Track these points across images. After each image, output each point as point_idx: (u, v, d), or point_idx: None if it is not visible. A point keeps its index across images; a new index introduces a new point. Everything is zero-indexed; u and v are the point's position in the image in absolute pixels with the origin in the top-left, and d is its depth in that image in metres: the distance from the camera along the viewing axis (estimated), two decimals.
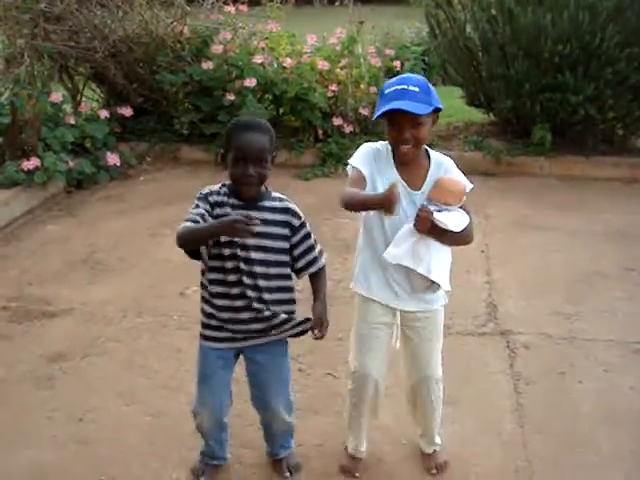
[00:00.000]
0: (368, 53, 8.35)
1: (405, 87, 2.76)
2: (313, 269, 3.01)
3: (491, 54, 7.63)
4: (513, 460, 3.39)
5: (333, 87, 7.94)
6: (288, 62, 7.91)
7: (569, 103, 7.32)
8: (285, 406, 3.15)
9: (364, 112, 7.99)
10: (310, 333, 2.99)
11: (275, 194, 2.95)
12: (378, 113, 2.80)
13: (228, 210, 2.81)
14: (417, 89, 2.76)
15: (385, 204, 2.62)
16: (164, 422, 3.65)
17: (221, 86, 7.89)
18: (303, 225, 2.95)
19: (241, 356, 3.07)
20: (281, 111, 8.10)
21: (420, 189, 2.90)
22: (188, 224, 2.73)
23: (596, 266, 5.48)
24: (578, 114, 7.40)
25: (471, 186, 2.95)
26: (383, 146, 2.97)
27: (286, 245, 2.93)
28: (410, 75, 2.90)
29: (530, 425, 3.64)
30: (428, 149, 2.99)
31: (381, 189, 2.84)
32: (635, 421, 3.66)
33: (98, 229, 6.26)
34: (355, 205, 2.89)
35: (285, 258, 2.94)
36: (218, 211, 2.82)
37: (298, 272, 3.01)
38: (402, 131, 2.79)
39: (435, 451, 3.37)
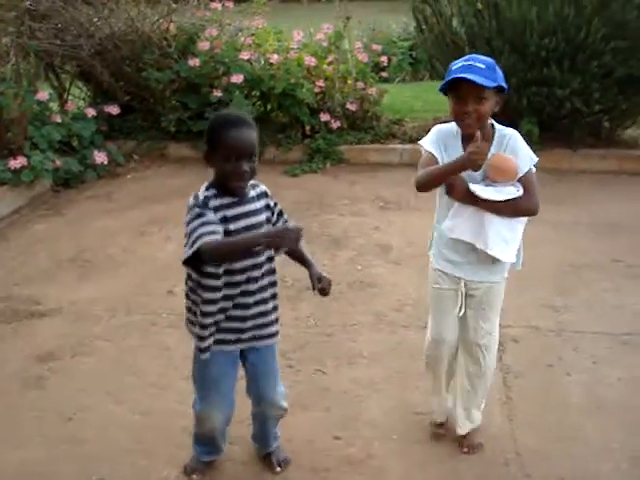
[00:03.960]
0: (355, 49, 8.36)
1: (472, 63, 2.89)
2: None
3: (477, 48, 7.61)
4: (503, 453, 3.40)
5: (320, 83, 7.94)
6: (275, 58, 7.90)
7: (556, 97, 7.34)
8: (281, 393, 3.19)
9: (351, 107, 8.00)
10: (317, 293, 2.98)
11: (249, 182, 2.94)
12: (444, 82, 2.92)
13: (228, 212, 2.79)
14: (483, 66, 2.88)
15: (470, 160, 2.79)
16: (153, 420, 3.64)
17: (208, 83, 7.88)
18: (276, 203, 3.01)
19: None
20: (268, 107, 8.09)
21: (480, 167, 2.97)
22: (212, 237, 2.66)
23: (584, 258, 5.50)
24: (565, 107, 7.42)
25: (533, 161, 3.09)
26: (453, 126, 3.08)
27: (270, 227, 2.94)
28: (478, 55, 3.00)
29: (519, 418, 3.65)
30: (495, 124, 3.10)
31: None
32: (623, 412, 3.68)
33: (86, 228, 6.24)
34: (433, 179, 2.99)
35: None
36: (219, 215, 2.78)
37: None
38: (466, 103, 2.89)
39: (470, 433, 3.42)
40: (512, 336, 4.40)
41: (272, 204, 2.98)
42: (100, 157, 7.45)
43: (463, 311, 3.20)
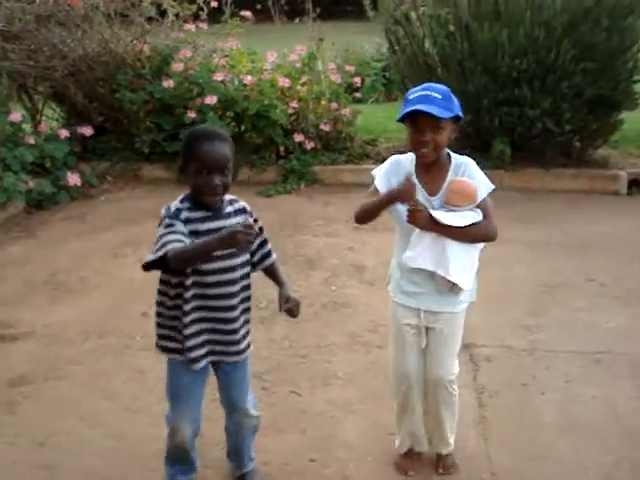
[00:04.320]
0: (328, 69, 8.40)
1: (428, 93, 2.92)
2: (270, 261, 3.07)
3: (450, 69, 7.69)
4: (477, 473, 3.40)
5: (294, 104, 7.97)
6: (249, 79, 7.92)
7: (527, 117, 7.42)
8: (252, 402, 3.19)
9: (325, 128, 8.03)
10: (285, 315, 3.04)
11: (228, 197, 2.94)
12: (401, 115, 2.94)
13: (198, 226, 2.80)
14: (439, 96, 2.91)
15: (402, 193, 2.89)
16: (127, 445, 3.61)
17: (182, 104, 7.88)
18: (256, 221, 3.00)
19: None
20: (242, 128, 8.10)
21: (437, 194, 3.04)
22: (177, 245, 2.67)
23: (557, 277, 5.54)
24: (536, 127, 7.49)
25: (490, 188, 3.08)
26: (408, 157, 3.13)
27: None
28: (434, 84, 3.02)
29: (494, 437, 3.66)
30: (451, 154, 3.11)
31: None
32: (597, 431, 3.70)
33: (59, 250, 6.20)
34: (367, 212, 3.08)
35: (248, 257, 2.97)
36: (190, 227, 2.79)
37: (254, 265, 3.04)
38: (423, 133, 2.93)
39: (446, 454, 3.41)
40: (486, 356, 4.42)
41: (251, 221, 2.96)
42: (73, 178, 7.41)
43: (425, 343, 3.19)
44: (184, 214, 2.80)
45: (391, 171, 3.10)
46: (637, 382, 4.13)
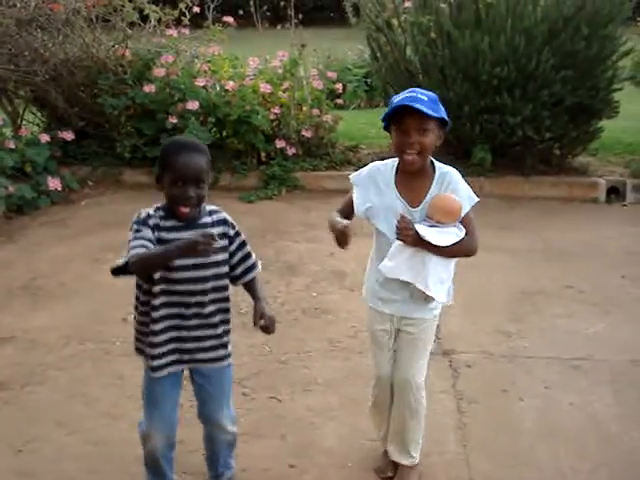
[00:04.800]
0: (310, 76, 8.41)
1: (415, 95, 2.87)
2: (251, 275, 3.03)
3: (431, 77, 7.73)
4: (457, 479, 3.41)
5: (276, 110, 7.98)
6: (230, 85, 7.93)
7: (507, 124, 7.46)
8: (229, 417, 3.15)
9: (307, 134, 8.05)
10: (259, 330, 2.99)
11: (209, 207, 2.94)
12: (387, 112, 2.90)
13: (163, 234, 2.79)
14: (426, 98, 2.86)
15: (336, 239, 2.97)
16: (106, 450, 3.60)
17: (163, 109, 7.88)
18: (238, 234, 2.98)
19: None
20: (224, 134, 8.10)
21: (419, 206, 2.99)
22: (140, 250, 2.69)
23: (537, 284, 5.57)
24: (516, 135, 7.54)
25: (474, 201, 3.04)
26: (389, 164, 3.07)
27: (225, 256, 2.93)
28: (420, 89, 2.97)
29: (473, 444, 3.67)
30: (435, 162, 3.06)
31: (378, 207, 3.04)
32: (575, 437, 3.72)
33: (39, 255, 6.18)
34: (330, 226, 3.07)
35: (224, 269, 2.94)
36: (157, 234, 2.79)
37: (235, 279, 3.01)
38: (409, 135, 2.87)
39: (408, 467, 3.35)
40: (465, 361, 4.44)
41: (232, 233, 2.95)
42: (54, 183, 7.38)
43: (393, 347, 3.21)
44: (153, 221, 2.81)
45: (370, 180, 3.07)
46: (616, 388, 4.16)
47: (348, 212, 3.13)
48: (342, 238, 2.95)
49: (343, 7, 10.57)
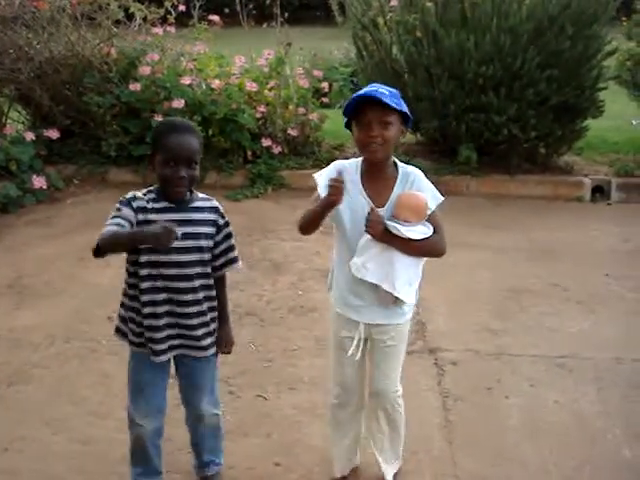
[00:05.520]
0: (296, 74, 8.42)
1: (375, 88, 2.82)
2: (229, 269, 3.05)
3: (417, 75, 7.75)
4: (443, 476, 3.43)
5: (262, 108, 7.98)
6: (216, 83, 7.91)
7: (493, 123, 7.49)
8: (212, 402, 3.17)
9: (293, 133, 8.06)
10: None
11: (202, 195, 2.96)
12: (348, 106, 2.85)
13: (152, 216, 2.80)
14: (387, 92, 2.80)
15: (330, 197, 2.77)
16: (93, 449, 3.59)
17: (149, 107, 7.85)
18: (227, 224, 3.00)
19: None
20: (210, 132, 8.06)
21: (384, 205, 2.92)
22: (113, 228, 2.71)
23: (522, 282, 5.60)
24: (502, 134, 7.57)
25: (439, 200, 3.00)
26: (353, 163, 3.01)
27: (210, 243, 2.94)
28: (381, 84, 2.92)
29: (459, 441, 3.69)
30: (397, 162, 3.02)
31: (344, 208, 2.90)
32: (559, 434, 3.74)
33: (24, 254, 6.15)
34: (308, 220, 2.94)
35: (208, 256, 2.95)
36: (141, 217, 2.81)
37: (215, 270, 3.02)
38: (370, 128, 2.80)
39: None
40: (451, 359, 4.46)
41: (221, 222, 2.97)
42: (39, 182, 7.35)
43: (360, 355, 3.07)
44: (139, 203, 2.83)
45: (333, 176, 2.89)
46: (600, 386, 4.19)
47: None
48: (337, 187, 2.75)
49: (329, 6, 10.54)
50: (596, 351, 4.58)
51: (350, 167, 2.99)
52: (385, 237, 2.86)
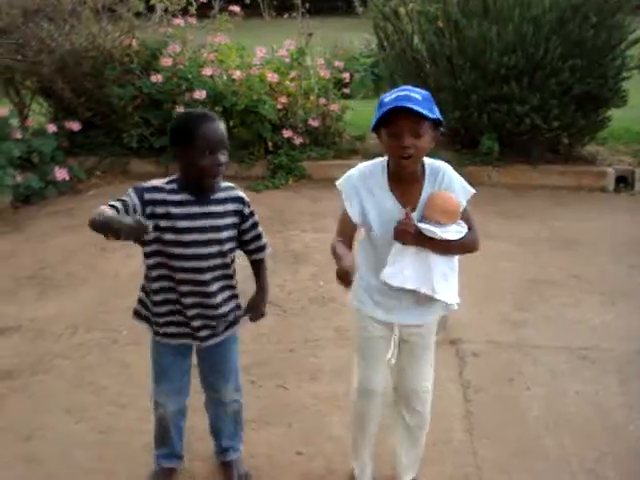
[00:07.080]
0: (317, 65, 8.40)
1: (407, 93, 2.60)
2: (262, 255, 3.07)
3: (438, 66, 7.71)
4: (463, 467, 3.42)
5: (283, 99, 7.97)
6: (237, 74, 7.92)
7: (515, 113, 7.44)
8: (235, 389, 3.19)
9: (314, 124, 8.05)
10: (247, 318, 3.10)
11: (225, 184, 2.93)
12: (378, 116, 2.62)
13: (173, 209, 2.79)
14: (419, 97, 2.59)
15: (338, 276, 2.65)
16: (113, 438, 3.62)
17: (170, 99, 7.89)
18: (252, 214, 3.00)
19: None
20: (231, 124, 8.06)
21: (415, 207, 2.75)
22: (105, 208, 2.61)
23: (544, 273, 5.56)
24: (524, 124, 7.51)
25: (470, 193, 2.84)
26: (378, 164, 2.82)
27: (232, 233, 2.93)
28: (411, 87, 2.67)
29: (479, 432, 3.68)
30: (423, 159, 2.79)
31: (373, 212, 2.78)
32: (580, 425, 3.72)
33: (46, 245, 6.19)
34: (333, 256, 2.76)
35: (229, 246, 2.93)
36: (159, 210, 2.79)
37: (250, 253, 3.06)
38: (403, 138, 2.59)
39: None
40: (472, 351, 4.44)
41: (247, 212, 2.96)
42: (61, 173, 7.40)
43: (395, 358, 2.95)
44: (156, 195, 2.79)
45: (361, 184, 2.79)
46: (622, 378, 4.15)
47: (349, 230, 2.87)
48: (345, 279, 2.62)
49: None
50: (618, 343, 4.54)
51: (375, 169, 2.82)
52: (418, 240, 2.72)
